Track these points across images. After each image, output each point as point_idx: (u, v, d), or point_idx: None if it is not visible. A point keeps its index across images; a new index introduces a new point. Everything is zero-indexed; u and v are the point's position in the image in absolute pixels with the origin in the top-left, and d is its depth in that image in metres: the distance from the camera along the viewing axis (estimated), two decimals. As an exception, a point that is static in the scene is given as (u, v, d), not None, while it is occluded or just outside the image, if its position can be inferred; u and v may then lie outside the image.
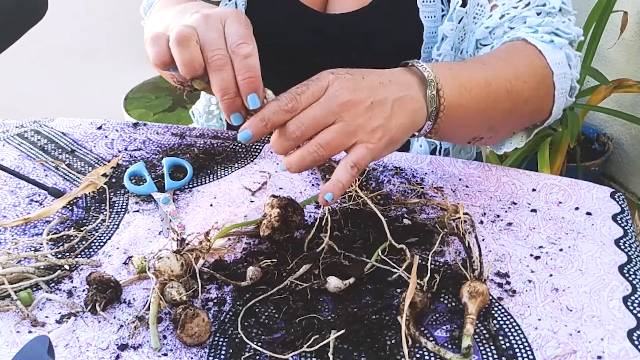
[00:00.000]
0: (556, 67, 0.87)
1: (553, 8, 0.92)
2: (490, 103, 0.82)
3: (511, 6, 0.93)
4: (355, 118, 0.69)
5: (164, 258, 0.71)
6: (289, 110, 0.68)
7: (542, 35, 0.89)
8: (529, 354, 0.65)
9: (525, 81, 0.85)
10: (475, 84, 0.80)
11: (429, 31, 0.97)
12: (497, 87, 0.82)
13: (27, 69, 2.43)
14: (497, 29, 0.94)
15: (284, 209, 0.77)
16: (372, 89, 0.71)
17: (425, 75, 0.76)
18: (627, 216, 0.83)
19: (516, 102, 0.85)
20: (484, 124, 0.85)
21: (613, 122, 2.25)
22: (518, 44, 0.89)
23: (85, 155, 0.96)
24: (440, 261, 0.77)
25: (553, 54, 0.87)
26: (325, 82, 0.70)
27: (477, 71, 0.82)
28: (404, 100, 0.73)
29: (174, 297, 0.69)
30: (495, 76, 0.82)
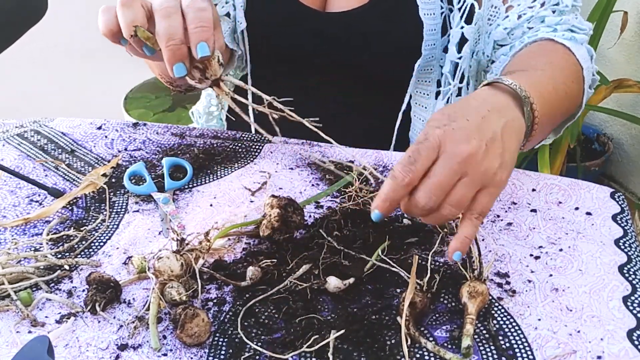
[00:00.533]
0: (583, 62, 0.89)
1: (566, 6, 0.94)
2: (559, 108, 0.84)
3: (527, 6, 0.94)
4: (477, 169, 0.66)
5: (163, 258, 0.71)
6: (408, 185, 0.65)
7: (563, 33, 0.91)
8: (528, 354, 0.65)
9: (573, 81, 0.87)
10: (550, 94, 0.80)
11: (428, 28, 0.97)
12: (560, 92, 0.83)
13: (27, 69, 2.43)
14: (515, 29, 0.95)
15: (283, 209, 0.77)
16: (480, 129, 0.68)
17: (519, 93, 0.74)
18: (627, 216, 0.83)
19: (571, 102, 0.87)
20: (552, 128, 0.89)
21: (613, 122, 2.25)
22: (546, 44, 0.90)
23: (85, 155, 0.96)
24: (440, 261, 0.77)
25: (578, 50, 0.89)
26: (436, 141, 0.66)
27: (542, 79, 0.81)
28: (508, 126, 0.70)
29: (174, 297, 0.69)
30: (555, 82, 0.83)
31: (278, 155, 0.96)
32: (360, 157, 0.95)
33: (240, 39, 1.07)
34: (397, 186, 0.65)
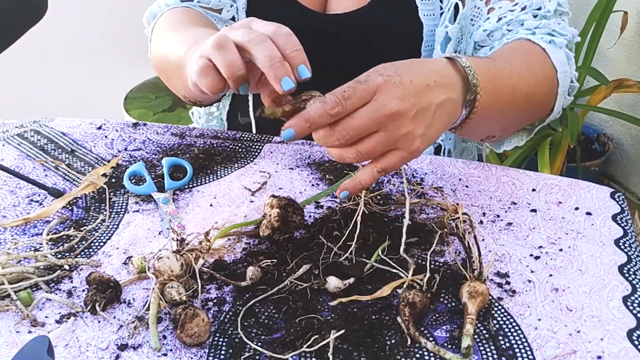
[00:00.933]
0: (559, 66, 0.88)
1: (548, 12, 0.93)
2: (512, 107, 0.84)
3: (508, 10, 0.94)
4: (399, 129, 0.68)
5: (163, 258, 0.71)
6: (334, 115, 0.67)
7: (542, 37, 0.91)
8: (528, 354, 0.65)
9: (541, 84, 0.87)
10: (505, 89, 0.81)
11: (428, 29, 0.97)
12: (520, 92, 0.83)
13: (27, 69, 2.43)
14: (495, 31, 0.95)
15: (283, 209, 0.77)
16: (418, 94, 0.70)
17: (469, 79, 0.75)
18: (627, 216, 0.83)
19: (532, 105, 0.87)
20: (500, 125, 0.88)
21: (613, 122, 2.25)
22: (525, 43, 0.90)
23: (85, 155, 0.96)
24: (440, 261, 0.77)
25: (555, 53, 0.89)
26: (374, 86, 0.68)
27: (507, 75, 0.82)
28: (445, 104, 0.72)
29: (174, 297, 0.69)
30: (520, 81, 0.83)
31: (278, 155, 0.96)
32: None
33: None
34: (324, 112, 0.67)
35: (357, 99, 0.67)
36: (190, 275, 0.72)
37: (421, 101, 0.69)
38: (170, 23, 0.98)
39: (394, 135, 0.68)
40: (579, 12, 2.21)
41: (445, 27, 0.96)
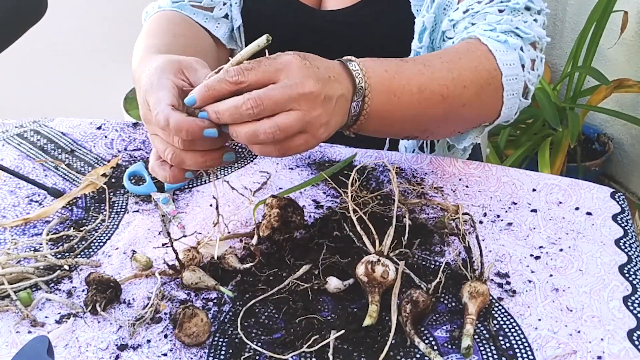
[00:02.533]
0: (506, 69, 0.85)
1: (517, 4, 0.89)
2: (421, 109, 0.81)
3: (475, 1, 0.91)
4: (311, 110, 0.68)
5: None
6: (233, 83, 0.67)
7: (498, 35, 0.87)
8: (529, 354, 0.65)
9: (466, 86, 0.83)
10: (407, 90, 0.79)
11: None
12: (431, 94, 0.81)
13: (27, 69, 2.42)
14: (459, 22, 0.92)
15: (283, 209, 0.77)
16: (325, 82, 0.70)
17: (357, 82, 0.75)
18: (627, 216, 0.83)
19: (452, 107, 0.83)
20: (415, 127, 0.85)
21: (613, 122, 2.24)
22: (471, 43, 0.87)
23: (85, 155, 0.96)
24: (440, 261, 0.77)
25: (505, 55, 0.86)
26: (282, 62, 0.68)
27: (413, 76, 0.80)
28: (341, 99, 0.73)
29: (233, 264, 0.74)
30: (431, 81, 0.81)
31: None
32: (360, 157, 0.95)
33: (237, 36, 1.07)
34: (223, 78, 0.66)
35: (261, 72, 0.67)
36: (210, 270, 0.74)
37: (327, 89, 0.70)
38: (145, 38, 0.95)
39: (307, 116, 0.68)
40: (579, 11, 2.21)
41: (423, 17, 0.95)
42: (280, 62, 0.68)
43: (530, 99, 0.91)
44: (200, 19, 1.03)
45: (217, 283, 0.72)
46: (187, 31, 1.00)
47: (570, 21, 2.25)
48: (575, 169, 2.09)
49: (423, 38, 0.96)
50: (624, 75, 2.03)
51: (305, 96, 0.67)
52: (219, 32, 1.05)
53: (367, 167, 0.91)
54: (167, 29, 0.98)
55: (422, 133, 0.88)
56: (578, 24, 2.17)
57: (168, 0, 1.03)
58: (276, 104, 0.67)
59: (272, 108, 0.67)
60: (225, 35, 1.06)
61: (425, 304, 0.68)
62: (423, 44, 0.96)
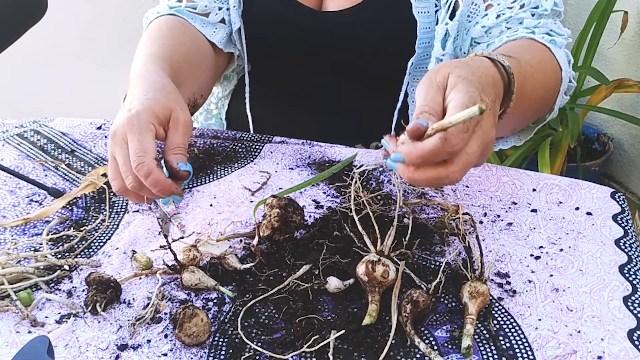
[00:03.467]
0: (563, 65, 0.89)
1: (545, 10, 0.94)
2: (527, 109, 0.85)
3: (506, 7, 0.94)
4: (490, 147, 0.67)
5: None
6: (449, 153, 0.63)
7: (542, 36, 0.91)
8: (529, 354, 0.65)
9: (551, 88, 0.88)
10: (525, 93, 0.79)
11: (422, 27, 0.97)
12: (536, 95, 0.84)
13: (27, 69, 2.42)
14: (493, 28, 0.95)
15: (283, 209, 0.77)
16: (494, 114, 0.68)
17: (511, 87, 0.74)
18: (627, 216, 0.83)
19: (543, 106, 0.89)
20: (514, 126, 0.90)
21: (613, 122, 2.24)
22: (532, 42, 0.90)
23: (85, 155, 0.96)
24: (440, 261, 0.77)
25: (558, 52, 0.90)
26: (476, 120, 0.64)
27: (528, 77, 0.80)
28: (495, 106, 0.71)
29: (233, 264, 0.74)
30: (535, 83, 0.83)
31: (278, 155, 0.96)
32: (360, 157, 0.95)
33: (236, 38, 1.07)
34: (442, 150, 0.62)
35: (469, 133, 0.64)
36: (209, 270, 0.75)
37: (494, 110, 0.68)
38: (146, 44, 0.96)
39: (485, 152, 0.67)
40: (579, 12, 2.21)
41: (446, 24, 0.96)
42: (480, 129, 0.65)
43: (569, 96, 0.94)
44: (197, 24, 1.03)
45: (217, 283, 0.72)
46: (186, 38, 1.00)
47: (570, 21, 2.25)
48: (575, 169, 2.09)
49: (446, 45, 0.97)
50: (624, 75, 2.03)
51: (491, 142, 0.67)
52: (215, 38, 1.04)
53: (367, 167, 0.91)
54: (167, 35, 0.97)
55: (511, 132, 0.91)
56: (578, 24, 2.17)
57: (166, 6, 1.03)
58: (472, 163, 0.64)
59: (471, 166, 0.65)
60: (222, 40, 1.05)
61: (426, 304, 0.68)
62: (446, 50, 0.97)
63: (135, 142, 0.72)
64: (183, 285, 0.73)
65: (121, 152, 0.74)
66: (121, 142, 0.74)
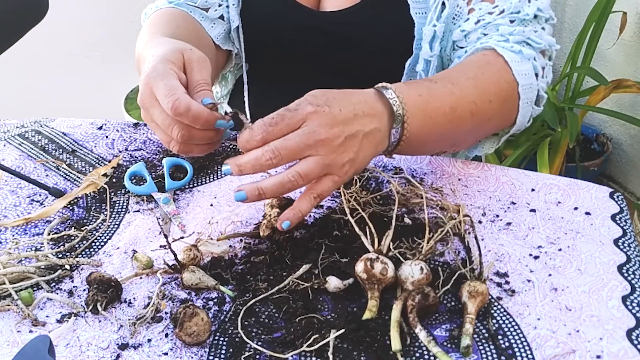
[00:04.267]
0: (522, 79, 0.88)
1: (527, 15, 0.92)
2: (453, 127, 0.85)
3: (487, 12, 0.94)
4: (329, 153, 0.72)
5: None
6: (260, 140, 0.71)
7: (512, 45, 0.90)
8: (528, 354, 0.66)
9: (491, 100, 0.87)
10: (441, 112, 0.82)
11: (419, 27, 0.97)
12: (462, 112, 0.84)
13: (28, 69, 2.43)
14: (471, 33, 0.95)
15: (283, 209, 0.77)
16: (347, 122, 0.73)
17: (394, 110, 0.78)
18: (626, 216, 0.83)
19: (480, 121, 0.87)
20: (445, 143, 0.89)
21: (612, 122, 2.25)
22: (489, 55, 0.90)
23: (86, 155, 0.96)
24: (440, 261, 0.77)
25: (520, 65, 0.89)
26: (303, 114, 0.71)
27: (445, 96, 0.83)
28: (373, 133, 0.76)
29: None
30: (461, 100, 0.84)
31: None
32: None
33: (235, 37, 1.08)
34: (250, 138, 0.71)
35: (285, 125, 0.71)
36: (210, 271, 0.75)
37: (349, 129, 0.73)
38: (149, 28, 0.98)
39: (326, 159, 0.72)
40: (577, 12, 2.21)
41: (434, 26, 0.96)
42: (300, 114, 0.71)
43: (542, 107, 0.94)
44: (197, 16, 1.04)
45: (217, 283, 0.73)
46: (189, 25, 1.02)
47: (569, 22, 2.26)
48: (574, 169, 2.10)
49: (434, 46, 0.97)
50: (622, 76, 2.03)
51: (320, 142, 0.71)
52: (213, 32, 1.05)
53: (367, 168, 0.91)
54: (169, 21, 0.99)
55: (450, 148, 0.91)
56: (577, 24, 2.17)
57: (165, 1, 1.04)
58: (293, 153, 0.71)
59: (290, 156, 0.71)
60: (219, 36, 1.06)
61: (435, 300, 0.68)
62: (434, 52, 0.97)
63: (162, 86, 0.72)
64: (183, 284, 0.73)
65: (157, 112, 0.74)
66: (151, 102, 0.74)
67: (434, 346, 0.64)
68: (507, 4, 0.93)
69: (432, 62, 0.98)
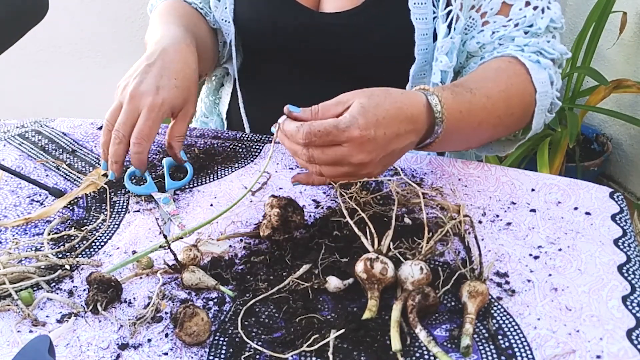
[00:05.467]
0: (539, 86, 0.92)
1: (539, 29, 0.97)
2: (473, 136, 0.92)
3: (502, 25, 0.97)
4: (361, 171, 0.78)
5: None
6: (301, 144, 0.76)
7: (530, 55, 0.95)
8: (528, 354, 0.66)
9: (513, 113, 0.92)
10: (470, 127, 0.87)
11: (420, 33, 0.97)
12: (487, 125, 0.90)
13: (28, 69, 2.43)
14: (487, 45, 0.98)
15: (283, 208, 0.77)
16: (386, 146, 0.77)
17: (435, 127, 0.82)
18: (626, 216, 0.83)
19: (499, 131, 0.94)
20: (463, 147, 0.95)
21: (612, 122, 2.25)
22: (514, 64, 0.94)
23: (86, 155, 0.96)
24: (440, 261, 0.77)
25: (538, 74, 0.93)
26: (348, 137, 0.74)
27: (478, 113, 0.88)
28: (407, 147, 0.81)
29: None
30: (490, 115, 0.89)
31: (278, 155, 0.96)
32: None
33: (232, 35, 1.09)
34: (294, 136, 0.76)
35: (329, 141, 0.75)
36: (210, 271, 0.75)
37: (387, 149, 0.78)
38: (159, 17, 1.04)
39: (358, 175, 0.79)
40: (578, 12, 2.21)
41: (451, 38, 0.96)
42: (346, 136, 0.75)
43: (554, 114, 0.99)
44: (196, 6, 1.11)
45: (217, 283, 0.73)
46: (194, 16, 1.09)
47: (569, 22, 2.26)
48: (574, 169, 2.10)
49: (452, 58, 0.99)
50: (622, 76, 2.03)
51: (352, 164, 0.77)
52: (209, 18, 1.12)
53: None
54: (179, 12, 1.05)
55: (464, 148, 0.97)
56: (577, 24, 2.17)
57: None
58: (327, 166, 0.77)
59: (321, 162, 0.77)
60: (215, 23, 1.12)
61: (435, 300, 0.68)
62: (452, 63, 0.99)
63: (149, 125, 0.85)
64: (183, 284, 0.73)
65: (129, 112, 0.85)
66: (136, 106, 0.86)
67: (434, 346, 0.64)
68: (521, 17, 0.97)
69: (448, 73, 0.99)
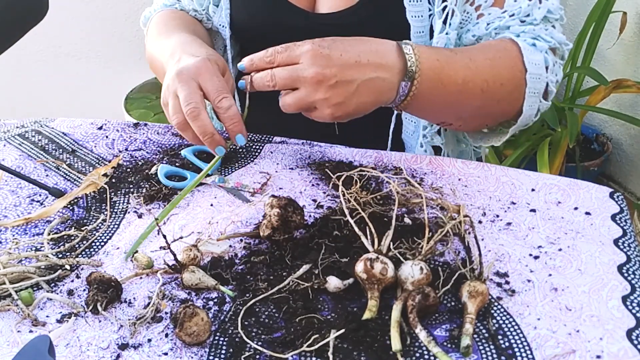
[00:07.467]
0: (531, 67, 0.91)
1: (535, 20, 0.96)
2: (461, 99, 0.89)
3: (496, 16, 0.96)
4: (315, 93, 0.80)
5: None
6: (267, 62, 0.83)
7: (525, 39, 0.93)
8: (528, 354, 0.66)
9: (503, 84, 0.90)
10: (453, 81, 0.86)
11: (416, 31, 0.97)
12: (473, 87, 0.88)
13: (28, 70, 2.43)
14: (483, 37, 0.97)
15: (283, 209, 0.77)
16: (344, 67, 0.79)
17: (407, 65, 0.82)
18: (626, 216, 0.83)
19: (488, 101, 0.91)
20: (452, 114, 0.93)
21: (612, 122, 2.25)
22: (507, 42, 0.93)
23: (86, 155, 0.97)
24: (440, 261, 0.77)
25: (532, 55, 0.92)
26: (301, 51, 0.80)
27: (460, 68, 0.87)
28: (373, 81, 0.81)
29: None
30: (475, 75, 0.88)
31: (278, 155, 0.96)
32: (360, 157, 0.95)
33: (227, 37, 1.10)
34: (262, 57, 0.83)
35: (287, 56, 0.81)
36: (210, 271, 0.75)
37: (344, 74, 0.79)
38: (158, 27, 1.05)
39: (310, 97, 0.80)
40: (578, 12, 2.21)
41: (447, 34, 0.96)
42: (300, 50, 0.80)
43: (550, 101, 0.96)
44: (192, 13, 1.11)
45: (217, 283, 0.73)
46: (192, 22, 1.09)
47: (569, 22, 2.26)
48: (574, 169, 2.10)
49: None
50: (622, 76, 2.03)
51: (306, 79, 0.79)
52: None
53: (367, 169, 0.91)
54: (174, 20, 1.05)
55: (457, 121, 0.95)
56: (577, 24, 2.17)
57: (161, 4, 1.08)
58: (284, 83, 0.81)
59: (282, 85, 0.82)
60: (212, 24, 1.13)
61: (435, 300, 0.68)
62: None
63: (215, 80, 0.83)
64: (183, 284, 0.73)
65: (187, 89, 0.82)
66: (188, 80, 0.83)
67: (434, 346, 0.64)
68: (517, 8, 0.95)
69: None
